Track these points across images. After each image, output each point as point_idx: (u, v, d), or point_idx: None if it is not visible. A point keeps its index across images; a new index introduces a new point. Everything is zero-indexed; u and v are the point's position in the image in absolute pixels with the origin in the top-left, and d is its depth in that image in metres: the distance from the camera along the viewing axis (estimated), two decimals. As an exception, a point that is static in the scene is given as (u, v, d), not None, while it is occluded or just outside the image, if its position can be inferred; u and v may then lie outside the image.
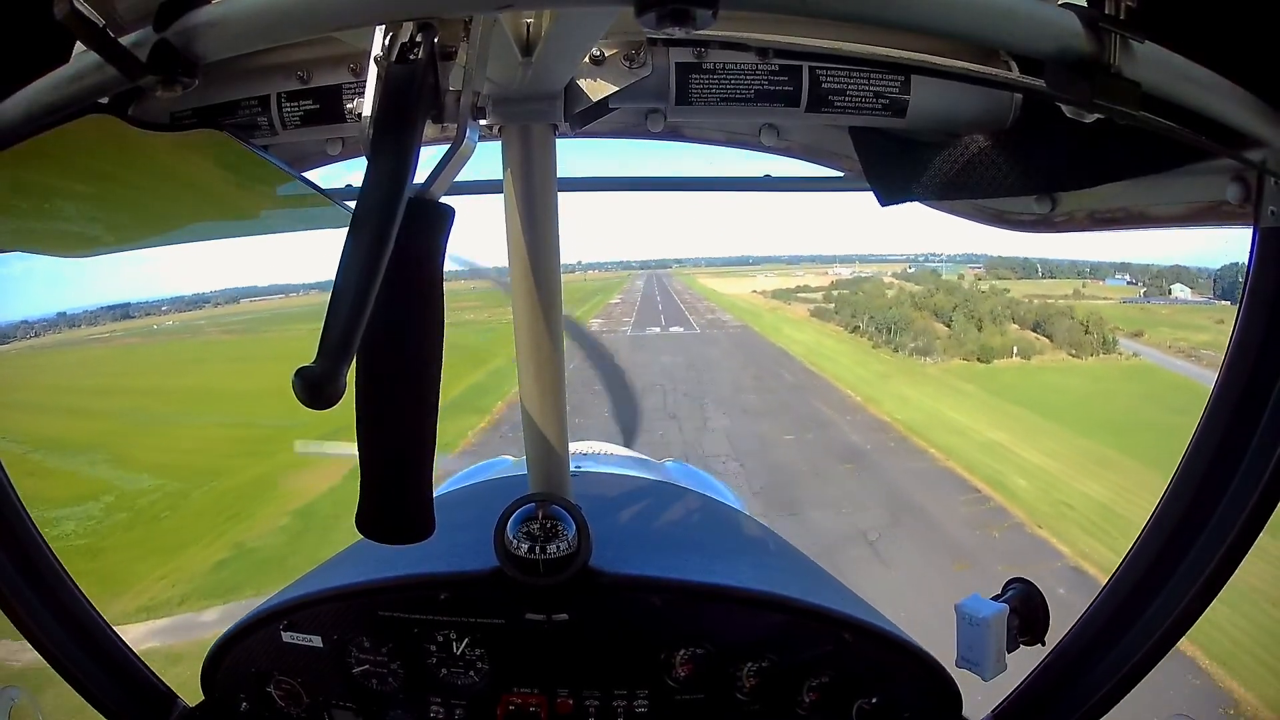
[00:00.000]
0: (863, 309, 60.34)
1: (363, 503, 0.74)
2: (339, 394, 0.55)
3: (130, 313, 68.66)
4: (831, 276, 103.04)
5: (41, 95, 0.74)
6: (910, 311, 56.63)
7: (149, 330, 63.05)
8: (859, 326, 57.37)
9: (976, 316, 52.32)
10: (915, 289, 65.89)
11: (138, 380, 41.28)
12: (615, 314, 68.60)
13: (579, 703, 1.47)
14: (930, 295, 60.48)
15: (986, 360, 44.69)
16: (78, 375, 44.97)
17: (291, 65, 1.24)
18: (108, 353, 54.35)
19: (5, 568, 1.29)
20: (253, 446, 25.45)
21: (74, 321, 61.77)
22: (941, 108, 1.17)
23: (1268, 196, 0.95)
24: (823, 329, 59.59)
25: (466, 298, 41.57)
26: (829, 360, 43.09)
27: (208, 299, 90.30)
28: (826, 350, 47.67)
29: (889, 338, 52.28)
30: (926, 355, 47.47)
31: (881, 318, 56.33)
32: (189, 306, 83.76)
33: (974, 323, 51.45)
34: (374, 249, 0.58)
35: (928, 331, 51.95)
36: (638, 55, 1.12)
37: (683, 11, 0.48)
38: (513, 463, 2.86)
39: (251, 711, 1.56)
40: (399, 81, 0.65)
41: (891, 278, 79.86)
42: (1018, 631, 1.39)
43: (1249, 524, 1.06)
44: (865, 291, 71.17)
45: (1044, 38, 0.61)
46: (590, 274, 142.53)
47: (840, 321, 61.00)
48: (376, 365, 0.69)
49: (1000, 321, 51.86)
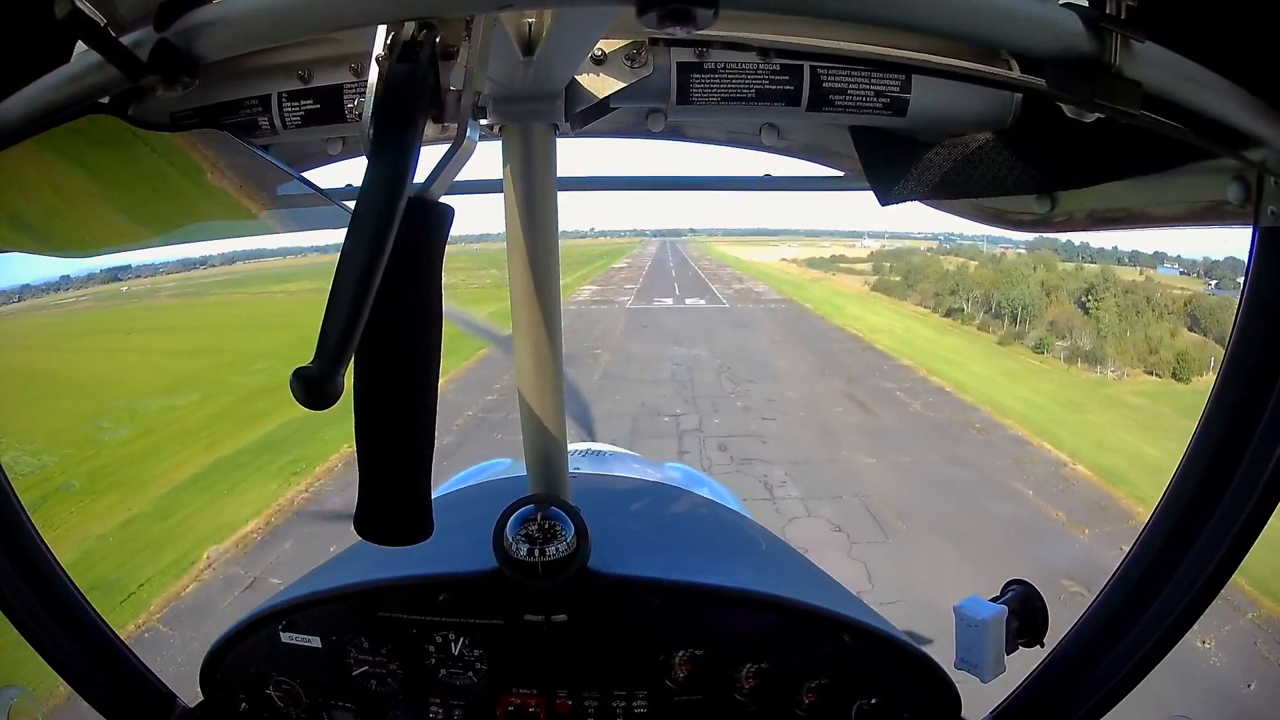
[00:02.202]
0: (942, 284, 48.30)
1: (361, 504, 0.74)
2: (337, 394, 0.55)
3: (118, 275, 66.49)
4: (863, 249, 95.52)
5: (41, 95, 0.74)
6: (1027, 291, 41.83)
7: (115, 294, 56.08)
8: (961, 309, 43.71)
9: (1133, 308, 38.04)
10: (973, 263, 55.21)
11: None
12: (615, 280, 56.55)
13: (578, 703, 1.47)
14: (1023, 274, 45.66)
15: (1185, 378, 29.05)
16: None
17: (292, 65, 1.24)
18: (47, 321, 42.07)
19: (5, 568, 1.29)
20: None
21: (73, 285, 59.97)
22: (942, 107, 1.18)
23: (1267, 196, 0.95)
24: (899, 309, 45.83)
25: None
26: (952, 366, 26.47)
27: (208, 260, 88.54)
28: (933, 345, 31.55)
29: (1016, 328, 38.10)
30: (1097, 365, 31.13)
31: (1003, 298, 41.77)
32: (189, 268, 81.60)
33: (1131, 318, 36.42)
34: (373, 248, 0.58)
35: (1075, 325, 36.43)
36: (639, 55, 1.12)
37: (684, 11, 0.48)
38: (511, 464, 2.86)
39: (251, 712, 1.56)
40: (399, 81, 0.65)
41: (928, 253, 69.99)
42: (1016, 633, 1.39)
43: (1249, 524, 1.06)
44: (915, 265, 60.59)
45: (1045, 37, 0.61)
46: (601, 240, 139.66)
47: (918, 299, 48.03)
48: (375, 365, 0.69)
49: (1161, 317, 37.26)
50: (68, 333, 37.00)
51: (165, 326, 37.18)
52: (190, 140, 1.28)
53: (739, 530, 2.04)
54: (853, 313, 40.58)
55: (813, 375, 23.68)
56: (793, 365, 25.06)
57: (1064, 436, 18.07)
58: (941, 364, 26.78)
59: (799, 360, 25.95)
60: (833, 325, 35.90)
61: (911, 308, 47.02)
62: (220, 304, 49.33)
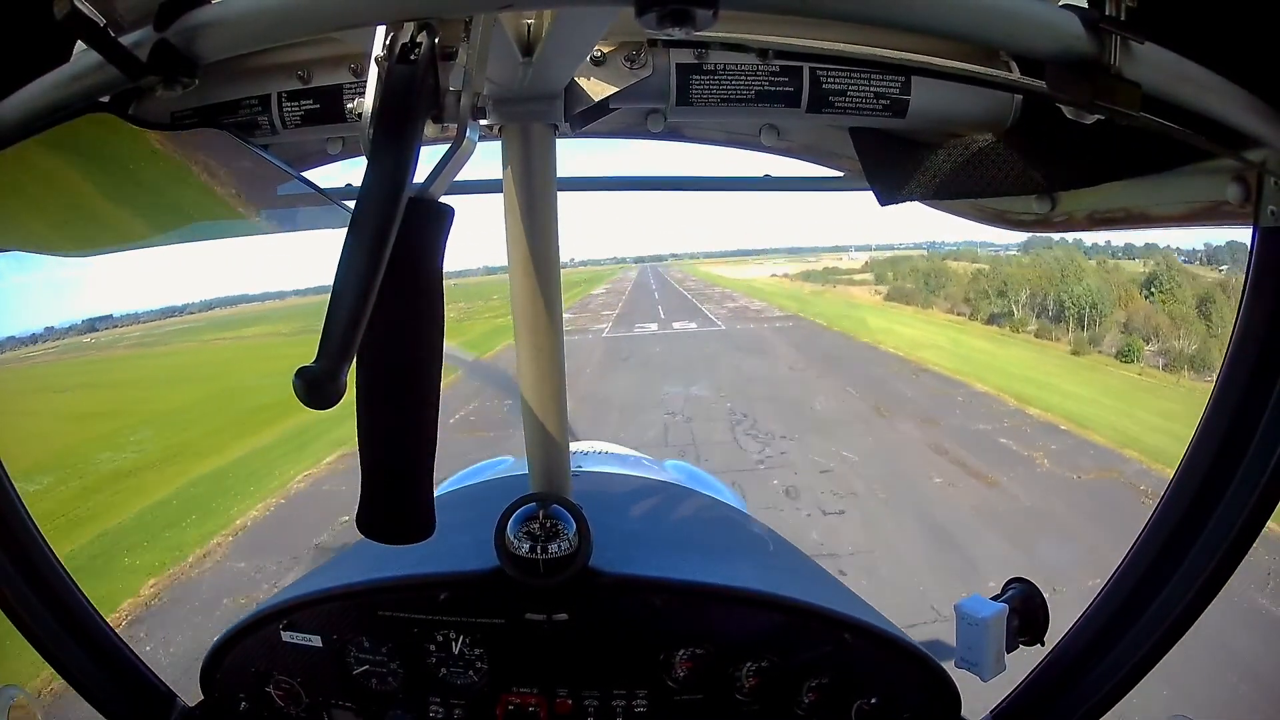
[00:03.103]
0: (974, 287, 42.84)
1: (363, 503, 0.74)
2: (339, 394, 0.55)
3: (95, 325, 65.75)
4: (851, 260, 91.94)
5: (41, 95, 0.74)
6: (1091, 288, 35.57)
7: (78, 345, 52.28)
8: (1008, 313, 38.17)
9: (1209, 299, 32.29)
10: (984, 268, 49.21)
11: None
12: (591, 308, 47.86)
13: (578, 702, 1.47)
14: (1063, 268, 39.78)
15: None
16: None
17: (292, 65, 1.24)
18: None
19: (5, 568, 1.29)
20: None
21: (53, 336, 59.54)
22: (942, 108, 1.18)
23: (1267, 196, 0.95)
24: (928, 318, 40.68)
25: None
26: (1041, 388, 20.44)
27: (187, 308, 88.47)
28: (996, 360, 25.87)
29: (1089, 331, 32.28)
30: (1206, 370, 25.78)
31: (1066, 297, 35.40)
32: (168, 315, 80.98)
33: (1216, 312, 30.66)
34: (374, 248, 0.58)
35: (1158, 325, 30.87)
36: (638, 56, 1.12)
37: (683, 12, 0.48)
38: (513, 462, 2.86)
39: (251, 711, 1.56)
40: (399, 81, 0.65)
41: (922, 261, 64.30)
42: (1017, 632, 1.40)
43: (1249, 524, 1.06)
44: (924, 269, 55.27)
45: (1044, 39, 0.61)
46: (581, 269, 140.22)
47: (947, 306, 42.94)
48: (376, 365, 0.69)
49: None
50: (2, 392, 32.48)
51: (97, 383, 32.55)
52: (190, 140, 1.28)
53: (741, 529, 2.04)
54: (878, 326, 34.15)
55: (868, 418, 16.33)
56: (835, 404, 17.55)
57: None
58: (1027, 386, 20.67)
59: (839, 396, 18.54)
60: (862, 343, 29.02)
61: (942, 316, 41.58)
62: (167, 354, 44.23)
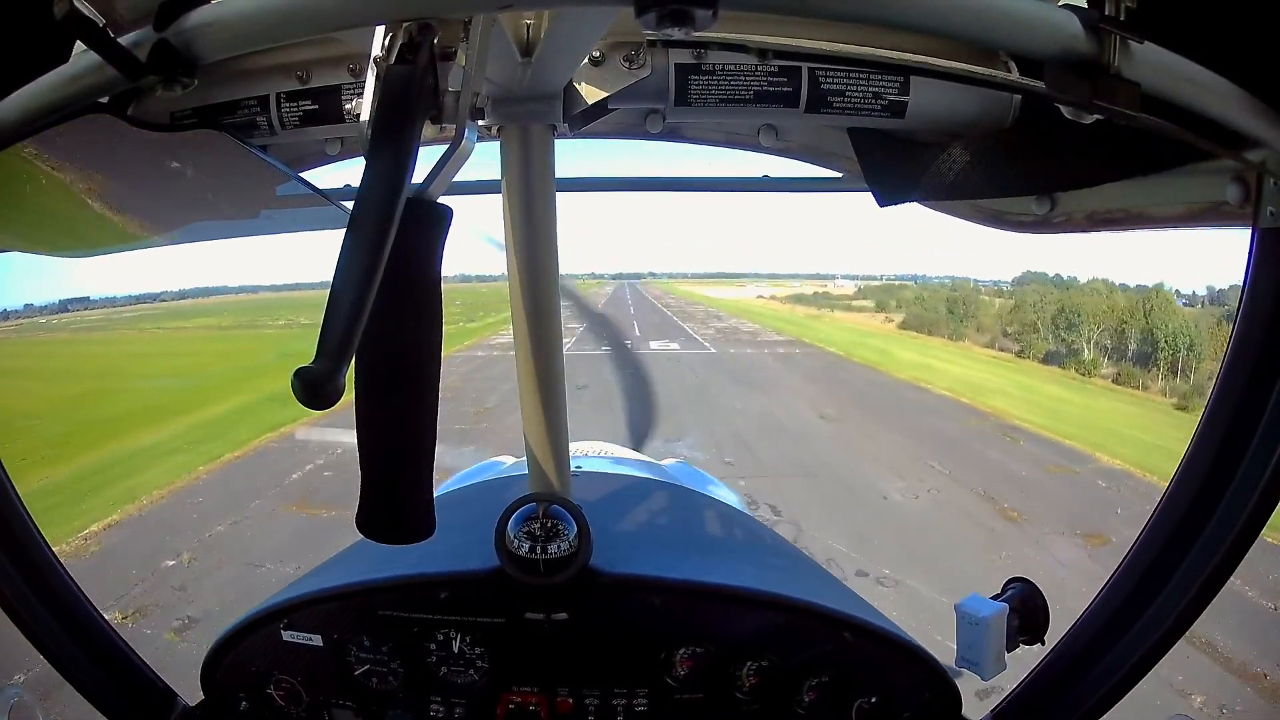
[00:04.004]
0: (1016, 319, 37.80)
1: (363, 503, 0.74)
2: (338, 394, 0.55)
3: (67, 306, 66.54)
4: (837, 288, 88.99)
5: (41, 95, 0.74)
6: (1183, 325, 30.44)
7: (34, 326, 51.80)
8: (1076, 351, 32.02)
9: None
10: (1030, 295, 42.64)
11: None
12: None
13: (579, 702, 1.47)
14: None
15: None
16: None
17: (291, 65, 1.24)
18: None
19: (5, 568, 1.29)
20: None
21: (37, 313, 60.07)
22: (941, 108, 1.18)
23: (1267, 197, 0.95)
24: (967, 352, 34.46)
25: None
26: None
27: (161, 296, 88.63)
28: (1097, 417, 20.77)
29: (1188, 379, 27.14)
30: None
31: (1160, 335, 29.04)
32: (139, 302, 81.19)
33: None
34: (372, 249, 0.58)
35: None
36: (637, 56, 1.13)
37: (682, 12, 0.48)
38: (513, 462, 2.86)
39: (251, 710, 1.56)
40: (398, 82, 0.65)
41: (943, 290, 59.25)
42: (1017, 631, 1.40)
43: (1249, 524, 1.07)
44: (924, 302, 50.93)
45: (1043, 39, 0.61)
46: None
47: (985, 339, 36.44)
48: (375, 365, 0.69)
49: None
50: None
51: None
52: (189, 140, 1.28)
53: (741, 528, 2.04)
54: (910, 359, 28.22)
55: (991, 528, 10.15)
56: (922, 496, 11.34)
57: None
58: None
59: (920, 475, 12.24)
60: (901, 382, 23.14)
61: (981, 350, 35.30)
62: (102, 341, 42.66)
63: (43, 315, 60.07)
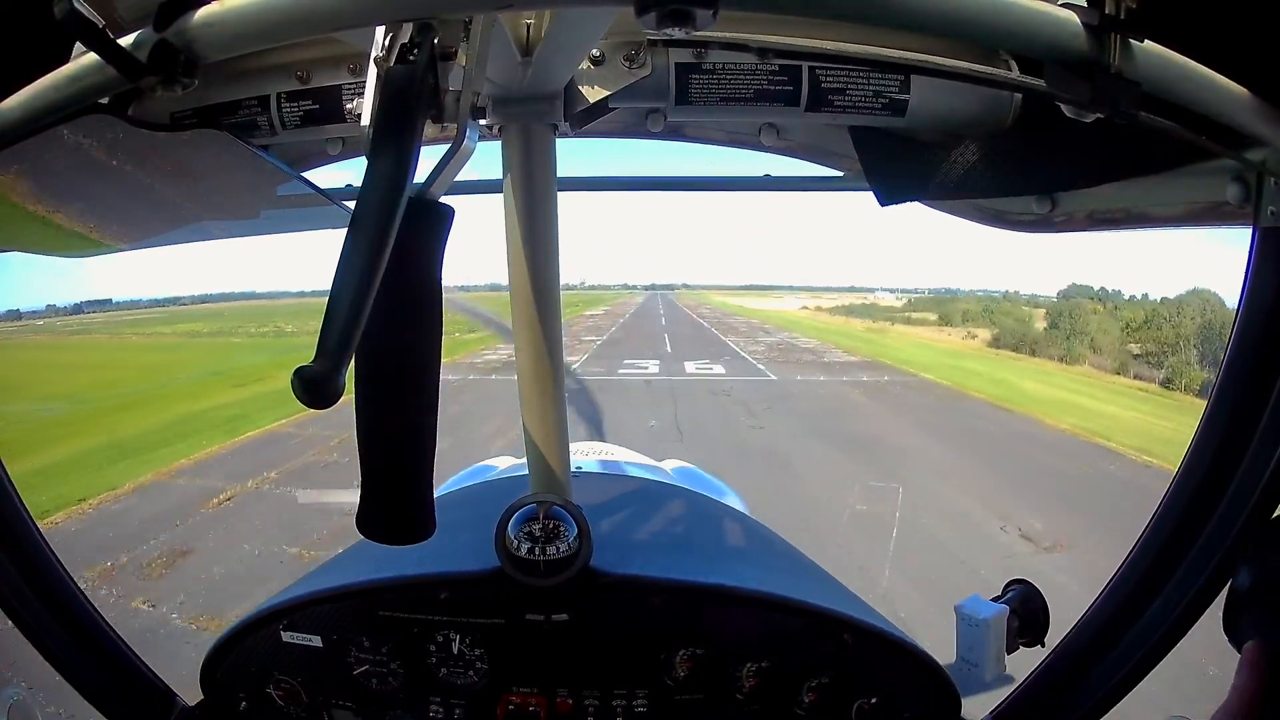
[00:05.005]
0: (1164, 336, 31.73)
1: (363, 503, 0.74)
2: (338, 394, 0.55)
3: (82, 309, 67.22)
4: (878, 300, 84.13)
5: (41, 95, 0.74)
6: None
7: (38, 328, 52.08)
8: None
9: None
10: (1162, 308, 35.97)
11: None
12: (572, 332, 36.17)
13: (578, 702, 1.47)
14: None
15: None
16: None
17: (291, 65, 1.24)
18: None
19: (5, 568, 1.29)
20: None
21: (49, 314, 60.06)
22: (941, 107, 1.18)
23: (1267, 196, 0.95)
24: (1097, 380, 27.96)
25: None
26: None
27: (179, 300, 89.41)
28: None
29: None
30: None
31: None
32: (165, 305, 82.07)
33: None
34: (373, 249, 0.58)
35: None
36: (638, 55, 1.12)
37: (683, 12, 0.48)
38: (513, 463, 2.86)
39: (251, 710, 1.56)
40: (398, 82, 0.65)
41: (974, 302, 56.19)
42: (1017, 632, 1.40)
43: (1249, 524, 1.06)
44: (1011, 315, 45.25)
45: (1044, 38, 0.61)
46: (590, 293, 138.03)
47: (1112, 365, 31.07)
48: (376, 365, 0.69)
49: None
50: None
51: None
52: (190, 140, 1.28)
53: (741, 530, 2.04)
54: (1043, 394, 20.75)
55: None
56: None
57: None
58: None
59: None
60: (1068, 436, 14.86)
61: (1114, 379, 28.52)
62: (76, 345, 40.75)
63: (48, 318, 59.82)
